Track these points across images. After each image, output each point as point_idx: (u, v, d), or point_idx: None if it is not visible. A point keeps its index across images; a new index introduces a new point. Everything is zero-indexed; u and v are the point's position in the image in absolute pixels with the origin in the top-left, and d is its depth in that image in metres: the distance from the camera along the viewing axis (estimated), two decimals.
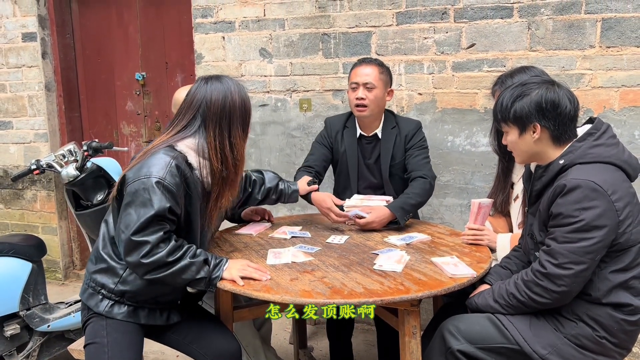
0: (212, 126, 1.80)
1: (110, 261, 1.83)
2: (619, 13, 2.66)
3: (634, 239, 1.63)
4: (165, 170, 1.72)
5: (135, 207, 1.69)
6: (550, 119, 1.67)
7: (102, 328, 1.82)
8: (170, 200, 1.71)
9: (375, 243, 2.21)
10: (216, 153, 1.80)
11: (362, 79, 2.48)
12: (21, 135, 3.97)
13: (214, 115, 1.80)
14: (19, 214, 4.12)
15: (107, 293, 1.82)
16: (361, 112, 2.51)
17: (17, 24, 3.81)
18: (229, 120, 1.82)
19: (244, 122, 1.86)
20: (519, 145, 1.77)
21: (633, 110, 2.72)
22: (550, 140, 1.70)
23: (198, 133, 1.81)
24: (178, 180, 1.74)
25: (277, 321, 3.27)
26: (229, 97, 1.82)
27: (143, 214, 1.67)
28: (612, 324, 1.65)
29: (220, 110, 1.80)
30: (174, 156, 1.76)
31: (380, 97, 2.52)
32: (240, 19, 3.30)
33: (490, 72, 2.88)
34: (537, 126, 1.69)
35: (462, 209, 3.06)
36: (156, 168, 1.72)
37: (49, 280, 3.49)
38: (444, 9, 2.92)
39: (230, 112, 1.82)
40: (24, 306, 2.56)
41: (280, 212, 3.42)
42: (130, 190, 1.72)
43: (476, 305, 1.83)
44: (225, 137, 1.81)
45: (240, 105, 1.84)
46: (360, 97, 2.48)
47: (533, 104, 1.68)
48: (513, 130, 1.75)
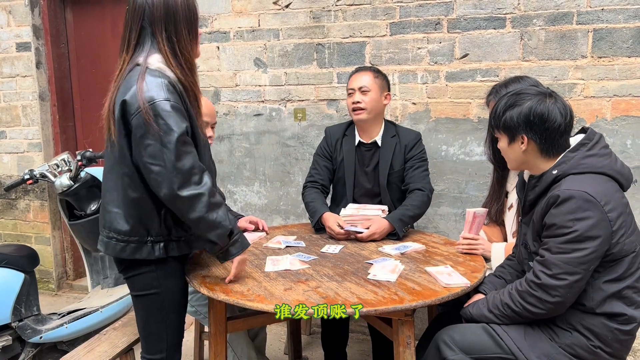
0: (159, 34, 1.71)
1: (144, 205, 1.75)
2: (610, 24, 2.69)
3: (627, 249, 1.64)
4: (163, 90, 1.65)
5: (152, 137, 1.63)
6: (537, 132, 1.68)
7: (154, 278, 1.81)
8: (184, 119, 1.67)
9: (370, 252, 2.20)
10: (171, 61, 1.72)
11: (357, 84, 2.55)
12: (15, 145, 3.96)
13: (159, 21, 1.71)
14: (12, 224, 4.09)
15: (155, 238, 1.78)
16: (359, 114, 2.56)
17: (12, 34, 3.81)
18: (174, 24, 1.72)
19: (188, 23, 1.76)
20: (508, 154, 1.80)
21: (625, 119, 2.74)
22: (538, 152, 1.71)
23: (153, 45, 1.73)
24: (177, 97, 1.69)
25: (271, 331, 3.26)
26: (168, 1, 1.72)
27: (167, 141, 1.62)
28: (607, 334, 1.65)
29: (164, 15, 1.71)
30: (159, 75, 1.68)
31: (376, 99, 2.56)
32: (235, 29, 3.31)
33: (483, 82, 2.90)
34: (524, 138, 1.70)
35: (457, 218, 3.07)
36: (155, 92, 1.64)
37: (41, 290, 3.46)
38: (437, 20, 2.94)
39: (174, 14, 1.72)
40: (16, 317, 2.54)
41: (275, 222, 3.42)
42: (137, 124, 1.64)
43: (471, 315, 1.83)
44: (174, 43, 1.72)
45: (183, 5, 1.74)
46: (356, 101, 2.55)
47: (522, 116, 1.69)
48: (503, 138, 1.78)
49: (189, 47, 1.76)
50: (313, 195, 2.63)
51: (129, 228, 1.76)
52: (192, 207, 1.68)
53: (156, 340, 1.88)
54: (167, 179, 1.64)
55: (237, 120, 3.41)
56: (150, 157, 1.64)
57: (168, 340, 1.88)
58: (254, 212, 3.46)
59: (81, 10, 3.94)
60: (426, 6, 2.95)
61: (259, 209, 3.46)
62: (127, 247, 1.78)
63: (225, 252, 1.80)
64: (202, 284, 1.87)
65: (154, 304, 1.84)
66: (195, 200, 1.67)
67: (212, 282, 1.88)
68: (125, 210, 1.76)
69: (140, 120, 1.63)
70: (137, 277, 1.83)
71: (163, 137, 1.62)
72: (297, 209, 3.38)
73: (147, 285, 1.83)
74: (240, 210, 3.46)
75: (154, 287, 1.82)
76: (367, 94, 2.54)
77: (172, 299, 1.86)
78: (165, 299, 1.84)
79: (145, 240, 1.78)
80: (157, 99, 1.63)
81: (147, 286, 1.83)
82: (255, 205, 3.47)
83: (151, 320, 1.86)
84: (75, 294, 4.02)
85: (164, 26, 1.71)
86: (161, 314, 1.85)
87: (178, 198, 1.66)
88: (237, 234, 1.81)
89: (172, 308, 1.86)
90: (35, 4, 3.77)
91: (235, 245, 1.80)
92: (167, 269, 1.83)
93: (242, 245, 1.82)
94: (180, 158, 1.64)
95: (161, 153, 1.63)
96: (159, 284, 1.82)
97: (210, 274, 1.96)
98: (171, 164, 1.63)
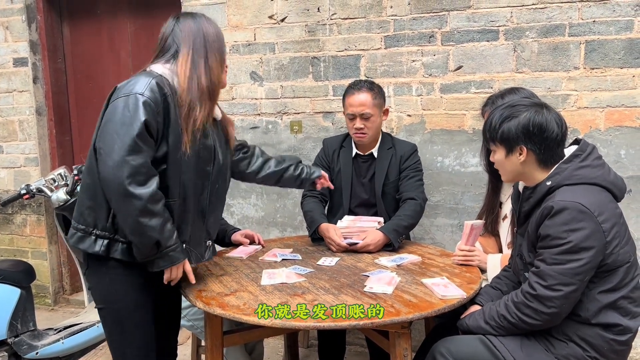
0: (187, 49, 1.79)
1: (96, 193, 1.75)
2: (602, 35, 2.72)
3: (622, 260, 1.65)
4: (145, 87, 1.69)
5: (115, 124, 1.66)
6: (536, 142, 1.69)
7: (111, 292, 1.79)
8: (147, 114, 1.67)
9: (366, 265, 2.21)
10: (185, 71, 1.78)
11: (358, 110, 2.53)
12: (11, 160, 3.96)
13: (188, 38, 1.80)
14: (8, 238, 4.08)
15: (100, 232, 1.76)
16: (361, 139, 2.59)
17: (9, 49, 3.82)
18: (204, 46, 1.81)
19: (219, 52, 1.86)
20: (504, 166, 1.79)
21: (618, 130, 2.76)
22: (536, 163, 1.72)
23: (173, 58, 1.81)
24: (158, 97, 1.70)
25: (269, 344, 3.24)
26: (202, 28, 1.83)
27: (124, 132, 1.64)
28: (602, 344, 1.65)
29: (194, 36, 1.80)
30: (155, 76, 1.74)
31: (378, 121, 2.59)
32: (231, 43, 3.33)
33: (477, 93, 2.92)
34: (523, 149, 1.71)
35: (453, 229, 3.08)
36: (137, 86, 1.69)
37: (38, 305, 3.45)
38: (431, 33, 2.97)
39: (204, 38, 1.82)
40: (12, 333, 2.52)
41: (272, 234, 3.42)
42: (109, 110, 1.70)
43: (467, 327, 1.83)
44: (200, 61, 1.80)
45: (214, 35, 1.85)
46: (359, 128, 2.55)
47: (520, 127, 1.70)
48: (500, 150, 1.77)
49: (220, 70, 1.85)
50: (312, 204, 2.64)
51: (79, 215, 1.78)
52: (125, 203, 1.65)
53: (120, 357, 1.85)
54: (113, 167, 1.63)
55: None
56: (104, 141, 1.66)
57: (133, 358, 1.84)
58: (251, 225, 3.46)
59: (78, 26, 3.96)
60: (420, 19, 2.98)
61: (256, 221, 3.46)
62: (75, 234, 1.78)
63: (151, 262, 1.76)
64: (198, 298, 1.87)
65: (110, 318, 1.81)
66: (130, 198, 1.64)
67: (208, 297, 1.88)
68: (80, 196, 1.79)
69: (113, 107, 1.69)
70: (96, 288, 1.82)
71: (124, 128, 1.64)
72: (293, 221, 3.38)
73: (104, 297, 1.80)
74: (238, 223, 3.47)
75: (110, 301, 1.79)
76: (370, 119, 2.54)
77: (132, 314, 1.81)
78: (123, 314, 1.79)
79: (90, 232, 1.76)
80: (134, 91, 1.68)
81: (104, 299, 1.80)
82: (252, 218, 3.47)
83: (112, 335, 1.84)
84: (72, 309, 4.00)
85: (193, 47, 1.79)
86: (119, 329, 1.81)
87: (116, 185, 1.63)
88: (169, 247, 1.74)
89: (132, 324, 1.81)
90: (32, 19, 3.79)
91: (164, 259, 1.75)
92: (126, 280, 1.79)
93: (171, 261, 1.76)
94: (132, 153, 1.63)
95: (113, 142, 1.64)
96: (116, 299, 1.79)
97: (206, 289, 1.96)
98: (121, 155, 1.62)
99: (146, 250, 1.72)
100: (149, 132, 1.68)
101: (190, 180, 1.83)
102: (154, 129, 1.70)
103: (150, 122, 1.68)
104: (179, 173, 1.79)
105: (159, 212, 1.69)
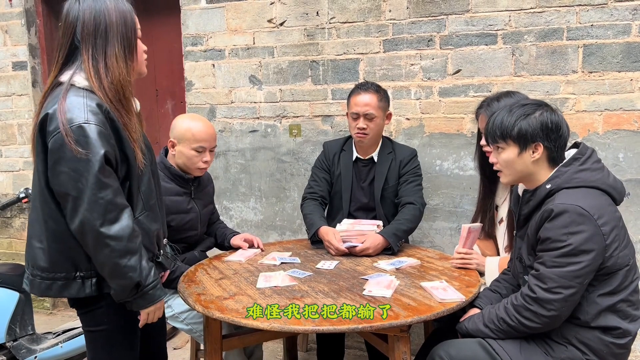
0: (86, 52, 1.57)
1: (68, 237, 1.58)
2: (599, 39, 2.73)
3: (621, 263, 1.65)
4: (84, 111, 1.50)
5: (70, 162, 1.48)
6: (552, 140, 1.70)
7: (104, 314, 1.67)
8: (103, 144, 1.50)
9: (365, 268, 2.21)
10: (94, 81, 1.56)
11: (363, 110, 2.54)
12: (10, 164, 3.96)
13: (88, 38, 1.57)
14: (7, 242, 4.07)
15: (85, 272, 1.60)
16: (362, 139, 2.59)
17: (8, 53, 3.83)
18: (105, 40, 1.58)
19: (124, 39, 1.62)
20: (514, 164, 1.74)
21: (617, 133, 2.76)
22: (547, 161, 1.72)
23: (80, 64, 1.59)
24: (102, 117, 1.53)
25: (268, 348, 3.23)
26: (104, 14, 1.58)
27: (85, 169, 1.47)
28: (602, 347, 1.65)
29: (93, 31, 1.57)
30: (84, 95, 1.54)
31: (381, 124, 2.60)
32: (230, 47, 3.34)
33: (476, 97, 2.92)
34: (539, 146, 1.70)
35: (452, 232, 3.08)
36: (75, 112, 1.50)
37: (36, 309, 3.44)
38: (429, 36, 2.97)
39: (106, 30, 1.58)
40: (11, 337, 2.52)
41: (271, 238, 3.42)
42: (53, 147, 1.49)
43: (466, 330, 1.83)
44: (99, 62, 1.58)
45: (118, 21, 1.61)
46: (361, 127, 2.55)
47: (539, 124, 1.69)
48: (512, 148, 1.73)
49: (123, 66, 1.61)
50: (312, 207, 2.64)
51: (52, 264, 1.59)
52: (102, 248, 1.52)
53: None
54: (83, 212, 1.49)
55: (232, 136, 3.43)
56: (65, 185, 1.50)
57: None
58: (250, 228, 3.46)
59: None
60: (418, 23, 2.98)
61: (255, 225, 3.46)
62: (54, 284, 1.60)
63: (130, 303, 1.62)
64: (197, 301, 1.87)
65: (101, 339, 1.71)
66: (107, 240, 1.51)
67: (207, 300, 1.88)
68: (47, 243, 1.59)
69: (57, 143, 1.49)
70: (88, 314, 1.70)
71: (82, 165, 1.48)
72: (293, 225, 3.38)
73: (97, 321, 1.69)
74: (236, 226, 3.47)
75: (103, 324, 1.69)
76: (374, 120, 2.55)
77: (122, 334, 1.73)
78: (114, 335, 1.71)
79: (73, 276, 1.60)
80: (78, 121, 1.49)
81: (97, 322, 1.70)
82: (251, 222, 3.47)
83: (98, 356, 1.74)
84: (71, 313, 3.99)
85: (93, 43, 1.58)
86: (107, 350, 1.73)
87: (91, 231, 1.50)
88: (149, 285, 1.61)
89: (121, 344, 1.73)
90: (31, 23, 3.80)
91: (145, 298, 1.62)
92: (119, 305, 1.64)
93: (151, 299, 1.63)
94: (98, 191, 1.49)
95: (77, 182, 1.48)
96: (108, 320, 1.68)
97: (205, 292, 1.96)
98: (88, 196, 1.48)
99: (126, 292, 1.59)
100: (109, 162, 1.53)
101: (147, 187, 1.72)
102: (112, 156, 1.55)
103: (109, 151, 1.53)
104: (139, 184, 1.67)
105: (135, 249, 1.57)
